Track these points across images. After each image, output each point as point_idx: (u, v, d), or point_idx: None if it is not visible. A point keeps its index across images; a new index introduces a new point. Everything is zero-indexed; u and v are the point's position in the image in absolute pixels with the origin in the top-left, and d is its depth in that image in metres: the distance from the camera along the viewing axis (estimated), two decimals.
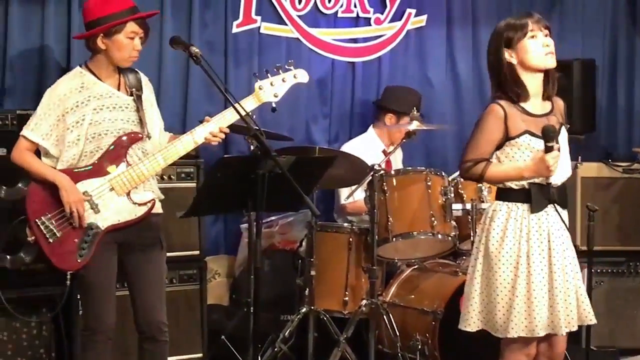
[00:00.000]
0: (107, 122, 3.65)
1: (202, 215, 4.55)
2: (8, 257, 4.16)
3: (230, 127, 4.03)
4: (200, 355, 4.68)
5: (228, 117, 3.68)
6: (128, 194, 3.66)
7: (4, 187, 4.15)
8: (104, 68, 3.71)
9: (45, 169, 3.63)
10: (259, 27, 5.23)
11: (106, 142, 3.65)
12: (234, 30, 5.15)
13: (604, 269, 5.43)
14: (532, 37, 3.39)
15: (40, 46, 4.62)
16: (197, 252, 4.74)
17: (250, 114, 3.59)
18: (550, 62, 3.42)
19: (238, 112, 3.51)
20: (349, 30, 5.49)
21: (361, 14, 5.49)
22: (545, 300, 3.35)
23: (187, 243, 4.67)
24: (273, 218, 5.16)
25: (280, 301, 4.86)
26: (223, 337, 4.66)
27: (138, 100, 3.74)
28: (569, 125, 3.58)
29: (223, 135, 3.66)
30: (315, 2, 5.35)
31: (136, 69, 3.83)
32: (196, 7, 5.03)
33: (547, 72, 3.45)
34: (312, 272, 4.60)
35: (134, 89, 3.75)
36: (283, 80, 3.81)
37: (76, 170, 3.63)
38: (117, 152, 3.66)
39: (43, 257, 3.63)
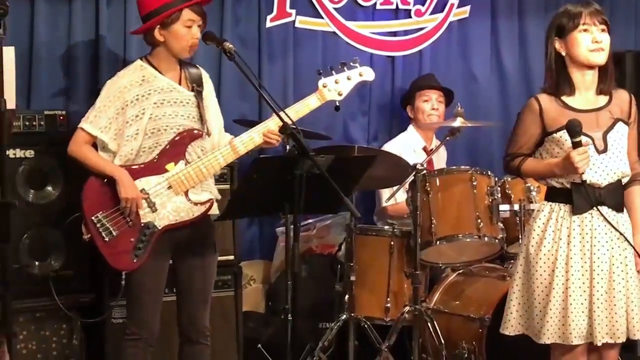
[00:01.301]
0: (167, 117, 3.72)
1: (237, 218, 4.57)
2: (37, 263, 4.21)
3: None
4: None
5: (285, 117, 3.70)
6: (186, 193, 3.71)
7: (32, 191, 4.19)
8: (164, 61, 3.77)
9: (104, 163, 3.70)
10: (294, 21, 5.24)
11: (165, 138, 3.71)
12: (268, 24, 5.17)
13: None
14: (585, 30, 3.37)
15: (67, 45, 4.66)
16: (231, 257, 4.75)
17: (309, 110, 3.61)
18: (597, 59, 3.38)
19: (274, 111, 3.51)
20: (388, 23, 5.49)
21: (401, 6, 5.48)
22: (584, 307, 3.33)
23: (221, 248, 4.65)
24: (310, 221, 5.16)
25: (318, 308, 4.86)
26: (259, 345, 4.68)
27: (199, 96, 3.80)
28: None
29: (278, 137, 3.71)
30: None
31: (197, 65, 3.88)
32: (229, 1, 5.04)
33: (603, 66, 3.42)
34: (352, 278, 4.59)
35: (195, 84, 3.81)
36: (348, 78, 3.87)
37: (134, 166, 3.68)
38: (176, 150, 3.72)
39: (71, 260, 3.66)
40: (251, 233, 5.26)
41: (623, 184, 3.46)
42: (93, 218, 3.63)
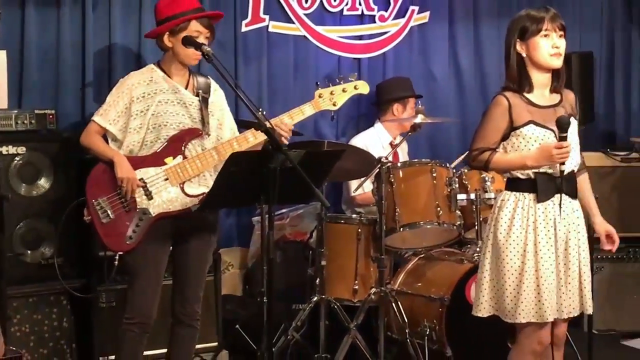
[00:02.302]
0: (168, 114, 3.73)
1: (216, 209, 4.53)
2: (29, 251, 4.19)
3: (242, 123, 4.06)
4: (215, 344, 4.69)
5: (281, 119, 3.76)
6: (182, 185, 3.70)
7: (24, 185, 4.17)
8: (173, 66, 3.80)
9: (108, 149, 3.72)
10: (267, 26, 5.22)
11: (165, 134, 3.72)
12: (243, 29, 5.15)
13: (605, 255, 5.42)
14: (546, 35, 3.37)
15: (55, 49, 4.62)
16: None
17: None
18: (555, 64, 3.40)
19: (252, 111, 3.50)
20: (354, 28, 5.48)
21: (366, 12, 5.47)
22: (553, 287, 3.35)
23: None
24: (284, 211, 5.15)
25: (292, 291, 4.85)
26: (237, 326, 4.67)
27: (203, 101, 3.81)
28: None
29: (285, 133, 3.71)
30: (321, 0, 5.34)
31: (208, 76, 3.90)
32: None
33: (553, 69, 3.43)
34: (323, 262, 4.59)
35: (200, 91, 3.82)
36: (343, 90, 3.88)
37: (135, 157, 3.70)
38: (175, 145, 3.73)
39: (63, 248, 3.65)
40: (229, 222, 5.24)
41: (574, 173, 3.48)
42: (94, 201, 3.64)
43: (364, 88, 3.92)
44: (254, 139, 3.76)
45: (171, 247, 3.82)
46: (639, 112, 6.04)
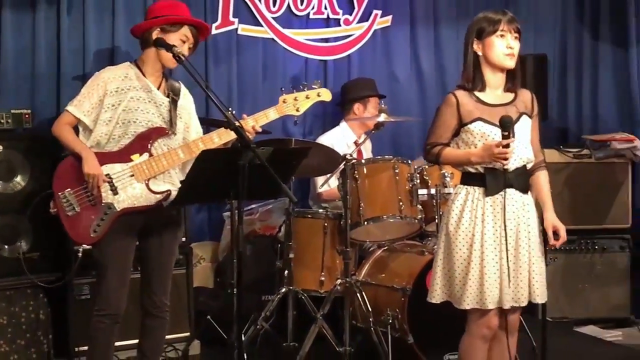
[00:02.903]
0: (139, 112, 3.70)
1: (187, 204, 4.54)
2: (6, 246, 4.16)
3: (213, 122, 4.05)
4: (187, 334, 4.68)
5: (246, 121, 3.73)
6: (147, 182, 3.68)
7: (1, 182, 4.15)
8: (150, 65, 3.76)
9: (77, 143, 3.68)
10: (237, 29, 5.22)
11: (133, 130, 3.69)
12: (214, 32, 5.12)
13: (559, 246, 5.48)
14: (501, 36, 3.39)
15: (31, 51, 4.60)
16: (183, 239, 4.72)
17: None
18: (508, 63, 3.42)
19: (222, 112, 3.49)
20: (321, 31, 5.48)
21: (331, 15, 5.48)
22: (496, 276, 3.37)
23: None
24: (254, 206, 5.15)
25: (261, 283, 4.85)
26: (209, 317, 4.65)
27: (173, 103, 3.78)
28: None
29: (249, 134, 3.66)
30: (288, 4, 5.34)
31: (179, 81, 3.89)
32: None
33: (512, 68, 3.45)
34: (291, 255, 4.59)
35: (172, 93, 3.80)
36: (307, 97, 3.88)
37: (103, 152, 3.66)
38: (142, 142, 3.69)
39: (37, 243, 3.63)
40: (201, 217, 5.23)
41: (527, 169, 3.50)
42: (60, 194, 3.61)
43: (326, 95, 3.93)
44: (219, 139, 3.74)
45: (137, 242, 3.78)
46: (590, 111, 6.08)
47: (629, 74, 5.99)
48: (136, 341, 3.99)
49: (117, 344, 3.98)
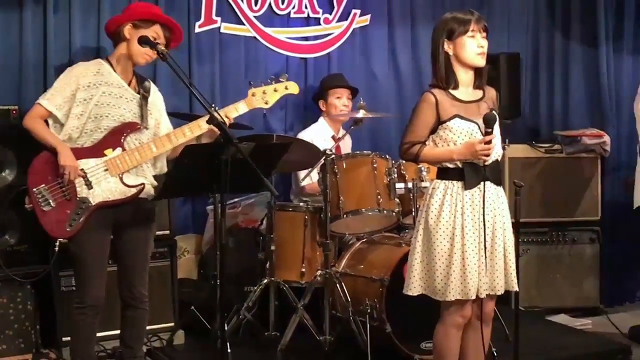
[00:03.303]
0: (110, 106, 3.68)
1: (171, 198, 4.52)
2: None
3: (195, 118, 4.01)
4: (172, 324, 4.67)
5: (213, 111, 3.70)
6: (121, 176, 3.65)
7: None
8: (121, 62, 3.74)
9: (50, 136, 3.64)
10: (219, 27, 5.19)
11: (105, 124, 3.66)
12: (197, 30, 5.11)
13: (530, 238, 5.53)
14: (472, 36, 3.40)
15: (19, 49, 4.56)
16: (167, 232, 4.73)
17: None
18: (480, 62, 3.44)
19: (205, 107, 3.48)
20: (301, 29, 5.47)
21: (311, 15, 5.47)
22: (476, 267, 3.39)
23: (159, 223, 4.61)
24: (236, 200, 5.13)
25: (243, 274, 4.84)
26: (192, 307, 4.65)
27: (144, 99, 3.77)
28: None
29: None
30: (270, 3, 5.32)
31: (149, 79, 3.87)
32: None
33: (476, 67, 3.47)
34: (272, 247, 4.59)
35: (142, 89, 3.78)
36: (275, 90, 3.87)
37: (76, 147, 3.63)
38: (115, 137, 3.67)
39: (25, 236, 3.61)
40: (185, 211, 5.21)
41: (498, 162, 3.52)
42: (35, 190, 3.57)
43: (294, 88, 3.93)
44: (191, 133, 3.73)
45: (112, 236, 3.76)
46: (561, 108, 6.11)
47: (599, 72, 6.02)
48: (117, 332, 3.98)
49: (103, 334, 3.98)
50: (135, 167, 3.68)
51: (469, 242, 3.38)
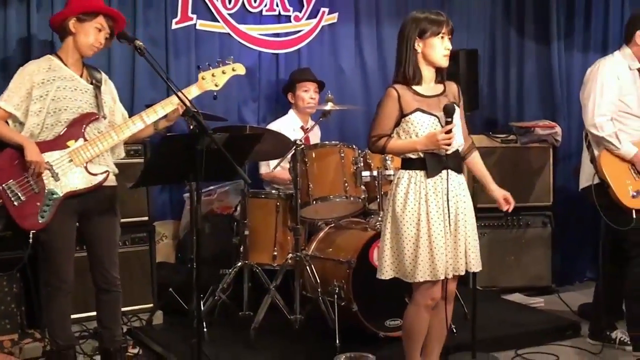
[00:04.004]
0: (67, 100, 3.61)
1: (149, 185, 4.51)
2: None
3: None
4: (151, 305, 4.67)
5: (174, 101, 3.68)
6: (85, 165, 3.61)
7: None
8: (70, 55, 3.67)
9: (15, 134, 3.57)
10: (195, 24, 5.17)
11: (65, 117, 3.60)
12: (173, 26, 5.09)
13: (487, 222, 5.57)
14: (441, 38, 3.41)
15: (3, 44, 4.53)
16: (146, 218, 4.72)
17: (189, 98, 3.55)
18: (445, 63, 3.46)
19: (179, 97, 3.47)
20: (273, 26, 5.46)
21: (282, 12, 5.46)
22: (442, 249, 3.41)
23: (138, 210, 4.63)
24: (212, 187, 5.13)
25: (219, 257, 4.84)
26: (170, 289, 4.65)
27: (97, 89, 3.71)
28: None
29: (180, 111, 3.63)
30: (243, 2, 5.31)
31: (99, 69, 3.79)
32: (140, 6, 4.96)
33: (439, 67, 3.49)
34: (246, 232, 4.60)
35: (94, 80, 3.72)
36: (223, 72, 3.83)
37: (40, 142, 3.57)
38: (76, 129, 3.61)
39: (10, 223, 3.56)
40: (163, 198, 5.19)
41: (459, 152, 3.55)
42: (4, 185, 3.51)
43: (240, 69, 3.89)
44: (163, 110, 3.70)
45: (78, 223, 3.71)
46: (516, 101, 6.15)
47: (551, 67, 6.06)
48: (94, 313, 3.95)
49: (85, 314, 3.94)
50: (97, 156, 3.64)
51: (435, 227, 3.40)
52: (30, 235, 3.57)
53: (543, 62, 6.12)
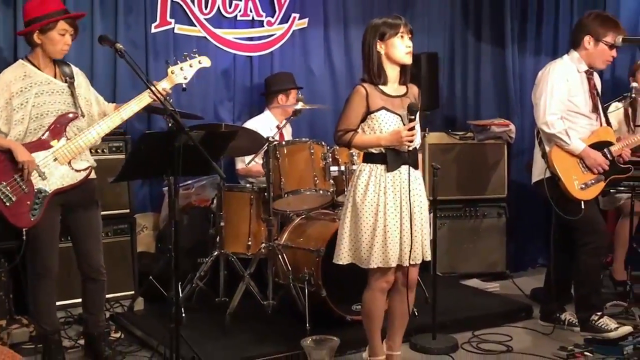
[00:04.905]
0: (47, 104, 3.57)
1: (130, 180, 4.47)
2: None
3: (152, 108, 3.97)
4: (132, 292, 4.65)
5: (146, 98, 3.68)
6: (69, 163, 3.58)
7: None
8: (41, 59, 3.61)
9: (1, 139, 3.52)
10: (173, 28, 5.13)
11: (47, 121, 3.56)
12: (153, 30, 5.04)
13: (446, 213, 5.60)
14: (401, 37, 3.43)
15: None
16: (127, 211, 4.69)
17: (167, 97, 3.53)
18: (408, 60, 3.47)
19: (159, 98, 3.44)
20: (247, 31, 5.43)
21: (256, 18, 5.44)
22: (397, 239, 3.43)
23: (120, 203, 4.60)
24: (190, 182, 5.09)
25: (196, 247, 4.82)
26: (151, 277, 4.61)
27: (71, 86, 3.66)
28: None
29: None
30: (218, 7, 5.27)
31: (68, 62, 3.74)
32: (121, 10, 4.91)
33: (403, 65, 3.50)
34: (222, 223, 4.58)
35: (67, 77, 3.67)
36: (190, 66, 3.82)
37: (25, 144, 3.53)
38: (57, 129, 3.58)
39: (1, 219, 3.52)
40: (143, 192, 5.15)
41: (417, 149, 3.56)
42: None
43: (206, 62, 3.89)
44: (137, 106, 3.68)
45: (61, 215, 3.68)
46: (473, 100, 6.18)
47: (506, 70, 6.11)
48: (79, 300, 3.94)
49: (69, 301, 3.91)
50: (80, 153, 3.62)
51: (390, 218, 3.42)
52: (24, 231, 3.53)
53: (498, 65, 6.16)
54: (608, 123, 4.37)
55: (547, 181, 4.23)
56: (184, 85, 3.77)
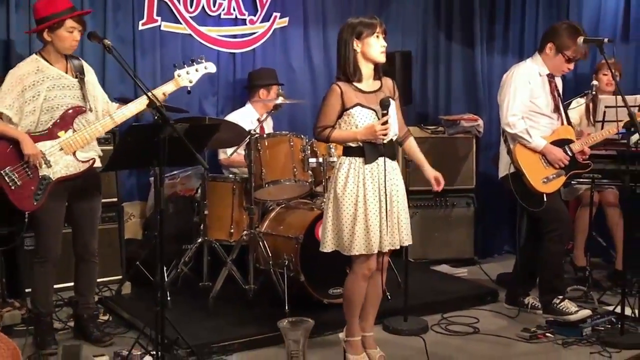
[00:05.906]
0: (58, 98, 3.59)
1: (117, 170, 4.45)
2: None
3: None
4: (120, 277, 4.63)
5: (144, 101, 3.64)
6: (74, 153, 3.60)
7: None
8: (52, 55, 3.63)
9: (9, 128, 3.54)
10: (160, 25, 5.10)
11: (58, 114, 3.59)
12: (140, 27, 5.01)
13: (418, 203, 5.62)
14: (377, 36, 3.43)
15: None
16: (115, 199, 4.67)
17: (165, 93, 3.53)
18: (382, 59, 3.48)
19: (144, 92, 3.42)
20: (230, 28, 5.40)
21: (239, 16, 5.41)
22: (377, 227, 3.44)
23: (108, 192, 4.57)
24: (176, 172, 5.07)
25: (181, 234, 4.81)
26: (138, 262, 4.61)
27: (81, 81, 3.68)
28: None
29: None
30: (203, 6, 5.24)
31: (79, 57, 3.74)
32: (109, 8, 4.88)
33: (377, 63, 3.50)
34: (206, 212, 4.57)
35: (78, 73, 3.68)
36: (196, 70, 3.83)
37: (33, 134, 3.55)
38: (65, 121, 3.60)
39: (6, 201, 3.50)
40: (131, 181, 5.13)
41: (394, 141, 3.57)
42: (2, 172, 3.49)
43: (211, 68, 3.90)
44: (135, 108, 3.69)
45: (67, 202, 3.72)
46: (444, 97, 6.21)
47: (475, 68, 6.14)
48: (71, 284, 3.94)
49: (60, 285, 3.91)
50: (85, 145, 3.63)
51: (370, 207, 3.43)
52: (26, 215, 3.54)
53: (468, 64, 6.18)
54: (569, 122, 4.41)
55: (512, 176, 4.27)
56: (188, 88, 3.79)
